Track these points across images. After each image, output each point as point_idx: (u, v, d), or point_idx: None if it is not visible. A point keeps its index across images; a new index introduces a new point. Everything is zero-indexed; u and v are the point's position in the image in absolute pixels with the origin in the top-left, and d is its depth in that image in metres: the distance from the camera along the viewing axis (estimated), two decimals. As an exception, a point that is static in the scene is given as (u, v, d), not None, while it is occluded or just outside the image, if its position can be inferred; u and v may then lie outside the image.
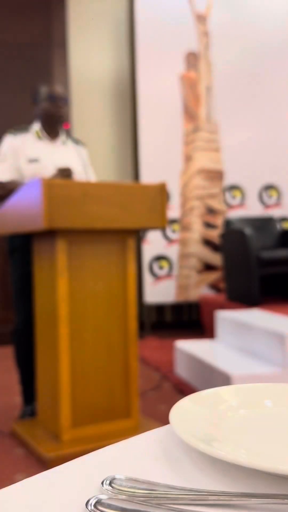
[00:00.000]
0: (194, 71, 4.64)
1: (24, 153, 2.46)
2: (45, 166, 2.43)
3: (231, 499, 0.37)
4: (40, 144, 2.50)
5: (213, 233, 4.62)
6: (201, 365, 2.78)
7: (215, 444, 0.45)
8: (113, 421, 2.13)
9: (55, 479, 0.42)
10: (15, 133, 2.50)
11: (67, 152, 2.52)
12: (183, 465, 0.44)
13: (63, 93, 2.50)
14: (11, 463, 2.01)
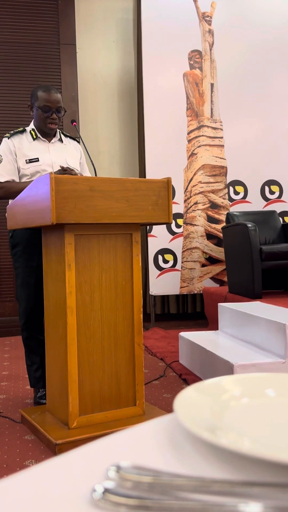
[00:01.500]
0: (198, 69, 4.69)
1: (22, 153, 2.53)
2: (44, 165, 2.51)
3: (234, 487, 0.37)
4: (37, 143, 2.58)
5: (216, 227, 4.69)
6: (205, 355, 2.85)
7: (218, 432, 0.45)
8: (119, 409, 2.20)
9: (62, 466, 0.42)
10: (10, 137, 2.57)
11: (64, 150, 2.61)
12: (187, 453, 0.44)
13: (58, 102, 2.54)
14: (21, 449, 2.09)
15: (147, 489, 0.36)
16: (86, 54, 4.92)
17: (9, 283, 4.52)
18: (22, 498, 0.37)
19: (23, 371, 3.28)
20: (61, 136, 2.66)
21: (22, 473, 0.41)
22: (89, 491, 0.37)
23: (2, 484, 0.38)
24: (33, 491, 0.38)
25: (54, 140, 2.62)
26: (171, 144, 4.60)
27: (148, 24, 4.56)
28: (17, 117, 4.52)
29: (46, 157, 2.55)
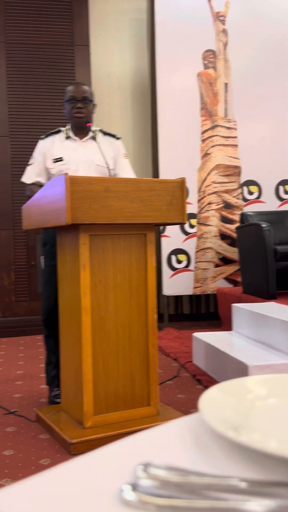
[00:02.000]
0: (212, 69, 4.68)
1: (51, 153, 2.58)
2: (69, 164, 2.53)
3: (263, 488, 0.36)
4: (67, 143, 2.59)
5: (230, 227, 4.67)
6: (219, 355, 2.85)
7: (244, 432, 0.45)
8: (133, 409, 2.20)
9: (90, 465, 0.42)
10: (44, 138, 2.64)
11: (95, 148, 2.57)
12: (213, 452, 0.44)
13: (85, 93, 2.57)
14: (36, 448, 2.10)
15: (175, 488, 0.36)
16: (100, 55, 4.93)
17: (23, 283, 4.55)
18: (51, 496, 0.37)
19: (38, 371, 3.30)
20: (97, 134, 2.62)
21: (49, 472, 0.41)
22: (118, 490, 0.38)
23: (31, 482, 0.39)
24: (61, 490, 0.38)
25: (85, 139, 2.60)
26: (184, 144, 4.59)
27: (161, 24, 4.56)
28: (32, 118, 4.55)
29: (73, 156, 2.56)
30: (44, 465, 1.96)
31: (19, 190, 4.51)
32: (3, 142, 4.50)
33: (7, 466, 1.94)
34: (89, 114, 2.59)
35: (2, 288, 4.51)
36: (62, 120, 4.58)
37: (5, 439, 2.20)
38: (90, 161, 2.54)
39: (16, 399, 2.72)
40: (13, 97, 4.52)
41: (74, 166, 2.54)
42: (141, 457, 0.43)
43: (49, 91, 4.58)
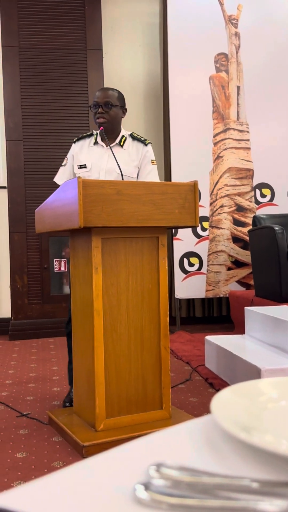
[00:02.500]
0: (224, 72, 4.68)
1: (78, 158, 2.59)
2: (92, 171, 2.53)
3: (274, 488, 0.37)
4: (94, 149, 2.58)
5: (242, 230, 4.66)
6: (231, 359, 2.84)
7: (256, 433, 0.45)
8: (145, 412, 2.20)
9: (102, 465, 0.43)
10: (76, 141, 2.64)
11: (121, 155, 2.53)
12: (225, 453, 0.44)
13: (107, 97, 2.53)
14: (49, 451, 2.11)
15: (187, 487, 0.37)
16: (113, 58, 4.96)
17: (36, 286, 4.58)
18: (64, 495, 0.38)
19: (50, 373, 3.32)
20: (124, 140, 2.59)
21: (63, 471, 0.41)
22: (131, 489, 0.38)
23: (44, 481, 0.39)
24: (75, 489, 0.39)
25: (112, 145, 2.56)
26: (196, 147, 4.59)
27: (174, 28, 4.58)
28: (45, 122, 4.58)
29: (97, 164, 2.54)
30: (56, 467, 1.97)
31: (32, 193, 4.54)
32: (16, 146, 4.54)
33: (19, 469, 1.95)
34: (111, 119, 2.53)
35: (15, 290, 4.54)
36: (76, 124, 4.61)
37: (18, 441, 2.21)
38: (112, 169, 2.52)
39: (28, 402, 2.74)
40: (26, 102, 4.56)
41: (96, 174, 2.54)
42: (154, 457, 0.43)
43: (62, 95, 4.61)
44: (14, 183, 4.54)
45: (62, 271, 4.61)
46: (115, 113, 2.55)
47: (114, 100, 2.55)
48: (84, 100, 4.63)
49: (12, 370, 3.43)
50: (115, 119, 2.55)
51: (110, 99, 2.53)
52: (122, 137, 2.59)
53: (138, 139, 2.60)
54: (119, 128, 2.61)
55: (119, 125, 2.59)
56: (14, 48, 4.53)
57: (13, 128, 4.53)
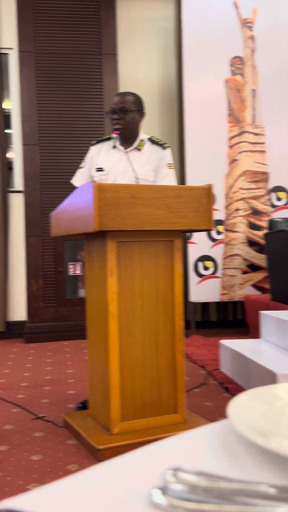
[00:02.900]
0: (239, 75, 4.67)
1: (96, 162, 2.60)
2: (109, 175, 2.54)
3: None
4: (112, 152, 2.59)
5: (258, 233, 4.63)
6: (247, 363, 2.82)
7: (273, 439, 0.45)
8: (160, 416, 2.20)
9: (119, 469, 0.43)
10: (94, 144, 2.65)
11: (138, 159, 2.53)
12: (242, 458, 0.44)
13: (122, 103, 2.53)
14: (64, 454, 2.12)
15: (204, 492, 0.37)
16: (128, 63, 4.98)
17: (51, 289, 4.60)
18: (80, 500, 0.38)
19: (66, 376, 3.33)
20: (143, 144, 2.58)
21: (79, 475, 0.41)
22: (148, 494, 0.38)
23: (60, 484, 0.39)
24: (90, 493, 0.39)
25: (130, 149, 2.57)
26: (211, 150, 4.59)
27: (189, 32, 4.58)
28: (60, 127, 4.61)
29: (114, 167, 2.55)
30: (71, 470, 1.97)
31: (47, 197, 4.57)
32: (33, 151, 4.57)
33: (35, 471, 1.96)
34: (127, 124, 2.53)
35: (30, 294, 4.57)
36: (91, 129, 4.64)
37: (33, 444, 2.22)
38: (129, 173, 2.52)
39: (44, 404, 2.75)
40: (42, 107, 4.59)
41: (112, 177, 2.54)
42: (170, 462, 0.43)
43: (77, 100, 4.64)
44: (30, 187, 4.57)
45: (77, 275, 4.63)
46: (131, 118, 2.54)
47: (130, 105, 2.54)
48: (99, 104, 4.66)
49: (28, 373, 3.45)
50: (132, 124, 2.55)
51: (125, 105, 2.53)
52: (141, 141, 2.59)
53: (157, 143, 2.59)
54: (137, 132, 2.60)
55: (136, 129, 2.58)
56: (30, 54, 4.57)
57: (29, 133, 4.57)
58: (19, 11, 4.57)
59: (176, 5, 5.00)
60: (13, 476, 1.91)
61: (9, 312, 4.82)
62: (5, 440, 2.27)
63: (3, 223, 4.72)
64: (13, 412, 2.63)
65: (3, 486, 1.84)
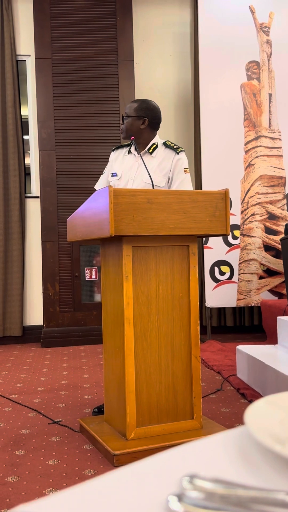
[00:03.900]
0: (256, 79, 4.66)
1: (112, 167, 2.66)
2: (121, 179, 2.59)
3: None
4: (128, 157, 2.63)
5: (274, 238, 4.60)
6: (264, 369, 2.79)
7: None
8: (176, 421, 2.19)
9: (135, 475, 0.42)
10: (114, 150, 2.72)
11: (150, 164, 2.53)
12: (259, 465, 0.44)
13: (125, 110, 2.63)
14: (80, 458, 2.12)
15: (221, 500, 0.36)
16: (144, 69, 5.00)
17: (68, 294, 4.62)
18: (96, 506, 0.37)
19: (82, 381, 3.33)
20: (154, 147, 2.59)
21: (95, 480, 0.41)
22: (164, 501, 0.38)
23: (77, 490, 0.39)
24: (107, 500, 0.38)
25: (143, 154, 2.58)
26: (227, 155, 4.57)
27: (205, 37, 4.58)
28: (77, 132, 4.64)
29: (128, 172, 2.58)
30: (87, 475, 1.97)
31: (64, 202, 4.60)
32: (49, 156, 4.61)
33: (51, 476, 1.96)
34: (126, 130, 2.59)
35: (47, 298, 4.60)
36: (107, 134, 4.66)
37: (50, 448, 2.22)
38: (139, 178, 2.54)
39: (60, 409, 2.76)
40: (59, 112, 4.63)
41: (124, 182, 2.57)
42: (187, 468, 0.43)
43: (94, 105, 4.67)
44: (46, 192, 4.61)
45: (93, 279, 4.65)
46: (129, 124, 2.59)
47: (131, 111, 2.59)
48: (115, 110, 4.68)
49: (44, 377, 3.46)
50: (130, 129, 2.59)
51: (127, 111, 2.62)
52: (153, 145, 2.60)
53: (171, 147, 2.57)
54: (145, 137, 2.60)
55: (139, 134, 2.58)
56: (47, 60, 4.62)
57: (46, 139, 4.61)
58: (35, 18, 4.62)
59: (192, 10, 5.02)
60: (29, 481, 1.92)
61: (26, 316, 4.86)
62: (22, 444, 2.27)
63: (20, 229, 4.75)
64: (29, 417, 2.64)
65: (20, 491, 1.84)
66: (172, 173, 2.54)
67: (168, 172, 2.54)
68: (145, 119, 2.58)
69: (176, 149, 2.57)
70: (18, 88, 4.83)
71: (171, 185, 2.54)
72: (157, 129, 2.65)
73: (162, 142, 2.61)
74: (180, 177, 2.54)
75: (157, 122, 2.63)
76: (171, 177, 2.54)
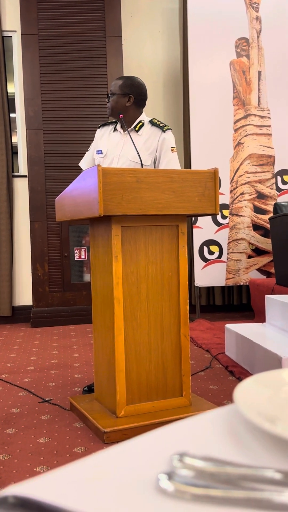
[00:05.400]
0: (245, 57, 4.61)
1: (97, 144, 2.62)
2: (106, 157, 2.55)
3: None
4: (114, 135, 2.59)
5: (263, 217, 4.61)
6: (252, 347, 2.83)
7: (279, 424, 0.45)
8: (166, 399, 2.21)
9: (125, 454, 0.42)
10: (100, 127, 2.67)
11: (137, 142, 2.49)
12: (249, 443, 0.44)
13: (110, 87, 2.58)
14: (70, 436, 2.14)
15: (211, 478, 0.37)
16: (132, 45, 4.92)
17: (57, 274, 4.61)
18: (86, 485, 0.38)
19: (72, 360, 3.35)
20: (140, 125, 2.55)
21: (85, 460, 0.41)
22: (154, 479, 0.38)
23: (66, 470, 0.40)
24: (98, 478, 0.39)
25: (132, 132, 2.54)
26: (217, 134, 4.55)
27: (193, 13, 4.51)
28: (64, 110, 4.58)
29: (114, 150, 2.54)
30: (78, 453, 1.99)
31: (52, 182, 4.56)
32: (37, 135, 4.55)
33: (42, 454, 1.98)
34: (111, 107, 2.54)
35: (36, 278, 4.59)
36: (95, 112, 4.60)
37: (40, 427, 2.24)
38: (125, 156, 2.50)
39: (50, 388, 2.77)
40: (46, 90, 4.56)
41: (109, 160, 2.54)
42: (177, 447, 0.43)
43: (81, 83, 4.60)
44: (34, 172, 4.56)
45: (82, 259, 4.64)
46: (114, 102, 2.54)
47: (116, 89, 2.54)
48: (103, 87, 4.62)
49: (34, 357, 3.48)
50: (115, 107, 2.54)
51: (112, 88, 2.56)
52: (139, 122, 2.55)
53: (157, 125, 2.53)
54: (131, 114, 2.55)
55: (124, 112, 2.52)
56: (34, 36, 4.52)
57: (33, 117, 4.54)
58: (21, -7, 4.50)
59: (180, -15, 4.93)
60: (20, 459, 1.94)
61: (15, 296, 4.85)
62: (12, 423, 2.29)
63: (8, 209, 4.72)
64: (20, 396, 2.66)
65: (11, 468, 1.86)
66: (159, 153, 2.50)
67: (154, 151, 2.51)
68: (131, 96, 2.53)
69: (163, 127, 2.53)
70: (4, 65, 4.74)
71: (158, 164, 2.51)
72: (143, 106, 2.59)
73: (149, 120, 2.57)
74: (167, 156, 2.50)
75: (142, 99, 2.57)
76: (158, 156, 2.51)
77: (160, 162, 2.50)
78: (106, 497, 0.36)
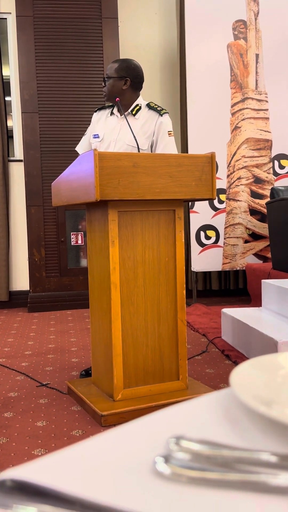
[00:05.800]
0: (243, 39, 4.55)
1: (94, 128, 2.60)
2: (103, 141, 2.53)
3: None
4: (110, 119, 2.57)
5: (260, 202, 4.61)
6: (248, 331, 2.84)
7: (275, 407, 0.45)
8: (163, 382, 2.23)
9: (122, 437, 0.43)
10: (97, 111, 2.64)
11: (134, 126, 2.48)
12: (245, 427, 0.45)
13: (106, 71, 2.56)
14: (68, 420, 2.16)
15: (207, 461, 0.37)
16: (128, 27, 4.86)
17: (54, 259, 4.61)
18: (84, 468, 0.38)
19: (69, 344, 3.37)
20: (137, 109, 2.53)
21: (83, 443, 0.42)
22: (150, 462, 0.38)
23: (63, 453, 0.40)
24: (95, 461, 0.39)
25: (129, 116, 2.52)
26: (214, 117, 4.52)
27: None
28: (60, 93, 4.53)
29: (111, 134, 2.52)
30: (76, 436, 2.01)
31: (48, 166, 4.53)
32: (32, 118, 4.51)
33: (40, 437, 2.00)
34: (108, 91, 2.52)
35: (32, 264, 4.59)
36: (91, 95, 4.56)
37: (38, 410, 2.26)
38: (122, 140, 2.49)
39: (48, 372, 2.79)
40: (41, 72, 4.50)
41: (106, 144, 2.52)
42: (173, 430, 0.43)
43: (77, 65, 4.55)
44: (30, 156, 4.53)
45: (79, 244, 4.63)
46: (111, 85, 2.52)
47: (111, 72, 2.52)
48: (99, 70, 4.57)
49: (32, 342, 3.49)
50: (112, 91, 2.52)
51: (108, 72, 2.54)
52: (136, 106, 2.53)
53: (154, 109, 2.51)
54: (128, 98, 2.52)
55: (121, 95, 2.50)
56: (29, 18, 4.46)
57: (28, 100, 4.50)
58: (16, -27, 4.43)
59: None
60: (18, 442, 1.96)
61: (12, 281, 4.85)
62: (10, 407, 2.31)
63: (4, 193, 4.69)
64: (17, 380, 2.67)
65: (9, 452, 1.88)
66: (156, 136, 2.49)
67: (151, 135, 2.49)
68: (127, 79, 2.50)
69: (160, 111, 2.51)
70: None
71: (155, 148, 2.50)
72: (139, 89, 2.57)
73: (146, 103, 2.55)
74: (164, 140, 2.48)
75: (139, 82, 2.54)
76: (155, 140, 2.49)
77: (157, 146, 2.49)
78: (103, 480, 0.36)
